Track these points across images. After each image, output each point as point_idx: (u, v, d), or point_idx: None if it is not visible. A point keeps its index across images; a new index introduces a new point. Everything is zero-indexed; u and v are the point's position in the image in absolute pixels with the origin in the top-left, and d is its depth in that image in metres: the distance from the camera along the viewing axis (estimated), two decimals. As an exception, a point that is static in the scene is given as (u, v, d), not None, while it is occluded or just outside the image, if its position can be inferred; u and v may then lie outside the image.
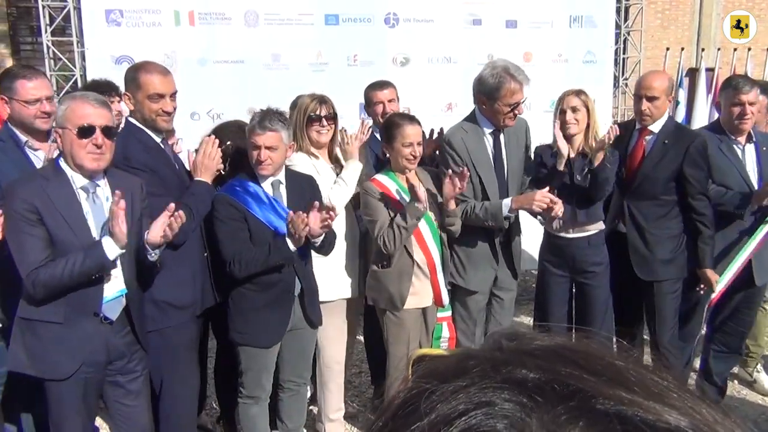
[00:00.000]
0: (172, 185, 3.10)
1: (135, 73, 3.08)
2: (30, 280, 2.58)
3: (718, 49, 7.12)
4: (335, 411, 3.83)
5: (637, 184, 3.73)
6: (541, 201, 3.43)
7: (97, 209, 2.70)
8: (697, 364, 4.27)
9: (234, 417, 3.74)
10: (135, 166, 2.96)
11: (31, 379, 2.77)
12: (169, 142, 3.34)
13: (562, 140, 3.60)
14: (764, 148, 3.83)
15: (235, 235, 3.15)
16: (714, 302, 3.86)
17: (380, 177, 3.47)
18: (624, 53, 6.28)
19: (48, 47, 4.95)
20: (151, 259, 2.78)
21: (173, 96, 3.12)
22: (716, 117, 4.18)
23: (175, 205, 2.73)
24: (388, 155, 3.46)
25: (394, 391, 0.45)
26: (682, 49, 7.56)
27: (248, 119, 4.20)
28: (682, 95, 6.95)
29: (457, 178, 3.28)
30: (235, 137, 3.53)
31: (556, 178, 3.67)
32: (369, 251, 3.80)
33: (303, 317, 3.34)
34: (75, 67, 4.90)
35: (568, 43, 5.82)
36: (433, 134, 3.99)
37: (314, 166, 3.56)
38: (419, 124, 3.43)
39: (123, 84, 3.22)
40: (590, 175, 3.59)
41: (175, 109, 3.16)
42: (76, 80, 4.92)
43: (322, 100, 3.57)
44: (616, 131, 3.57)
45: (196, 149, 3.41)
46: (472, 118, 3.65)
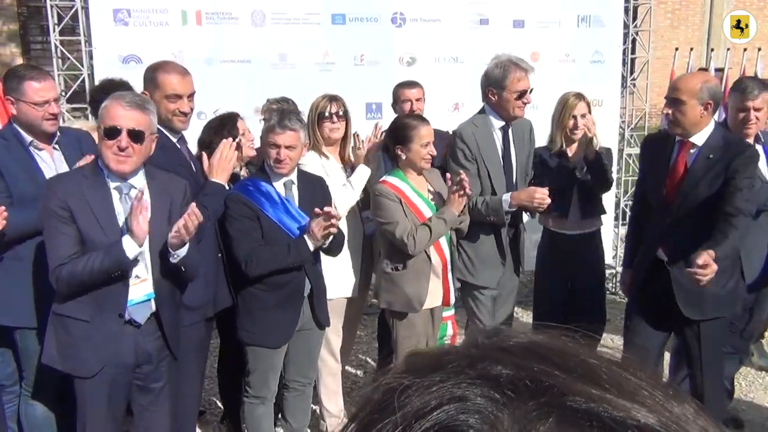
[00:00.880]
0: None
1: (153, 72, 3.08)
2: (54, 276, 2.63)
3: (728, 49, 7.06)
4: (334, 404, 3.85)
5: (679, 204, 3.23)
6: (542, 199, 3.49)
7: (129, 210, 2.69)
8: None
9: (238, 416, 3.75)
10: (150, 164, 2.94)
11: (60, 375, 2.82)
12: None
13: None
14: None
15: (248, 233, 3.13)
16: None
17: (391, 178, 3.42)
18: (632, 53, 6.24)
19: (56, 47, 4.97)
20: (173, 261, 2.73)
21: (191, 97, 3.12)
22: (723, 117, 4.14)
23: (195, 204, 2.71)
24: (402, 155, 3.38)
25: (372, 386, 0.46)
26: (691, 49, 7.52)
27: (255, 119, 4.23)
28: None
29: (459, 186, 3.26)
30: (220, 129, 3.50)
31: (558, 176, 3.78)
32: (373, 252, 3.80)
33: (311, 318, 3.35)
34: (83, 67, 4.92)
35: (576, 43, 5.79)
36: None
37: (323, 167, 3.58)
38: (429, 123, 3.44)
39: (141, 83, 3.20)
40: (590, 167, 3.73)
41: (192, 110, 3.16)
42: (83, 80, 4.93)
43: (333, 98, 3.63)
44: (592, 120, 3.78)
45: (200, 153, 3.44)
46: (482, 114, 3.68)
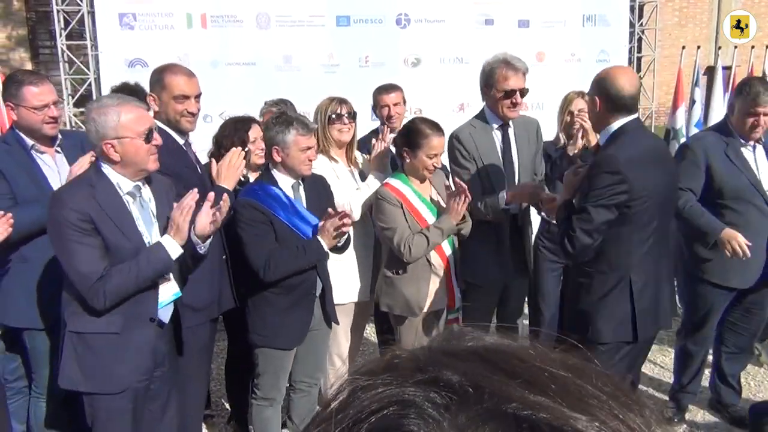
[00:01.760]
0: (194, 188, 3.10)
1: (160, 74, 3.10)
2: (96, 292, 2.47)
3: (735, 47, 7.02)
4: None
5: None
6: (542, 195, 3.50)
7: (145, 213, 2.66)
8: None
9: (246, 418, 3.75)
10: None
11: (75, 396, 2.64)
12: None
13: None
14: None
15: (264, 238, 3.09)
16: None
17: (394, 181, 3.39)
18: (638, 52, 6.21)
19: (62, 51, 5.01)
20: (201, 252, 2.72)
21: (197, 98, 3.14)
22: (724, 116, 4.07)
23: (213, 195, 2.70)
24: (407, 159, 3.34)
25: (339, 383, 0.46)
26: (699, 48, 7.47)
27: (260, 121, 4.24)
28: (699, 94, 6.87)
29: (458, 197, 3.24)
30: (232, 132, 3.54)
31: (558, 170, 3.81)
32: (379, 256, 3.79)
33: (321, 317, 3.34)
34: (89, 71, 4.95)
35: (581, 43, 5.78)
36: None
37: (334, 170, 3.58)
38: (443, 134, 3.36)
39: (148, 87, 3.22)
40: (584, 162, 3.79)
41: (198, 110, 3.18)
42: (90, 84, 4.96)
43: (342, 101, 3.63)
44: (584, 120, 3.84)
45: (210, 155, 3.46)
46: (481, 115, 3.66)
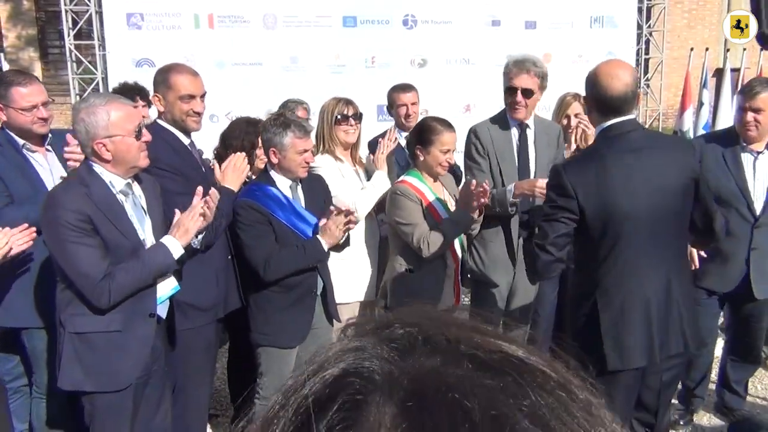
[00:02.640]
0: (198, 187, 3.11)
1: (165, 74, 3.09)
2: (102, 291, 2.48)
3: (744, 49, 6.97)
4: None
5: None
6: (543, 188, 3.45)
7: (137, 209, 2.68)
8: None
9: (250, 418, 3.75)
10: (162, 167, 2.93)
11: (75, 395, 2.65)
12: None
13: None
14: None
15: (263, 238, 3.11)
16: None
17: (410, 179, 3.37)
18: (646, 53, 6.19)
19: (71, 51, 5.03)
20: (195, 246, 2.76)
21: (203, 97, 3.13)
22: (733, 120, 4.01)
23: (201, 189, 2.71)
24: (421, 156, 3.34)
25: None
26: (707, 49, 7.43)
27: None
28: (707, 96, 6.83)
29: (476, 194, 3.20)
30: (242, 133, 3.56)
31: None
32: (386, 255, 3.79)
33: (323, 316, 3.34)
34: (96, 70, 4.97)
35: (589, 44, 5.76)
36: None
37: (339, 170, 3.58)
38: (455, 130, 3.38)
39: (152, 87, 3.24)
40: None
41: (204, 110, 3.18)
42: (97, 83, 4.99)
43: (348, 101, 3.63)
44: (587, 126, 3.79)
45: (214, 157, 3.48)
46: (501, 113, 3.68)
